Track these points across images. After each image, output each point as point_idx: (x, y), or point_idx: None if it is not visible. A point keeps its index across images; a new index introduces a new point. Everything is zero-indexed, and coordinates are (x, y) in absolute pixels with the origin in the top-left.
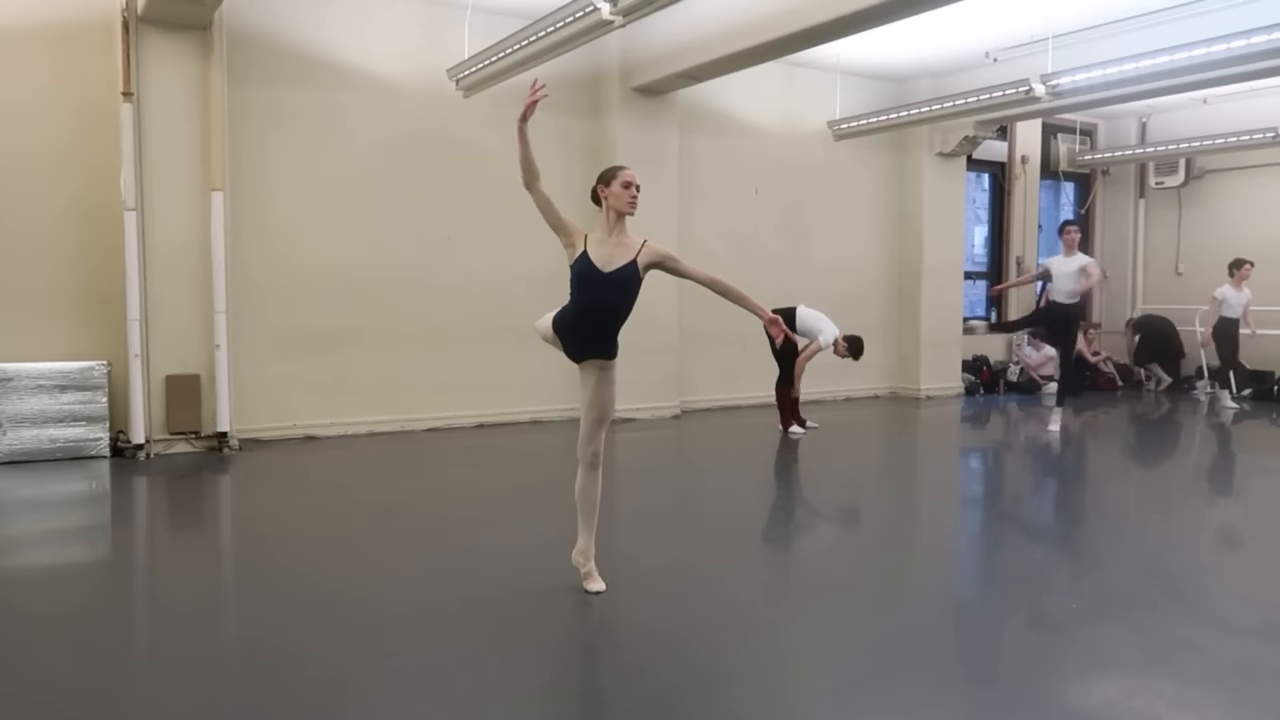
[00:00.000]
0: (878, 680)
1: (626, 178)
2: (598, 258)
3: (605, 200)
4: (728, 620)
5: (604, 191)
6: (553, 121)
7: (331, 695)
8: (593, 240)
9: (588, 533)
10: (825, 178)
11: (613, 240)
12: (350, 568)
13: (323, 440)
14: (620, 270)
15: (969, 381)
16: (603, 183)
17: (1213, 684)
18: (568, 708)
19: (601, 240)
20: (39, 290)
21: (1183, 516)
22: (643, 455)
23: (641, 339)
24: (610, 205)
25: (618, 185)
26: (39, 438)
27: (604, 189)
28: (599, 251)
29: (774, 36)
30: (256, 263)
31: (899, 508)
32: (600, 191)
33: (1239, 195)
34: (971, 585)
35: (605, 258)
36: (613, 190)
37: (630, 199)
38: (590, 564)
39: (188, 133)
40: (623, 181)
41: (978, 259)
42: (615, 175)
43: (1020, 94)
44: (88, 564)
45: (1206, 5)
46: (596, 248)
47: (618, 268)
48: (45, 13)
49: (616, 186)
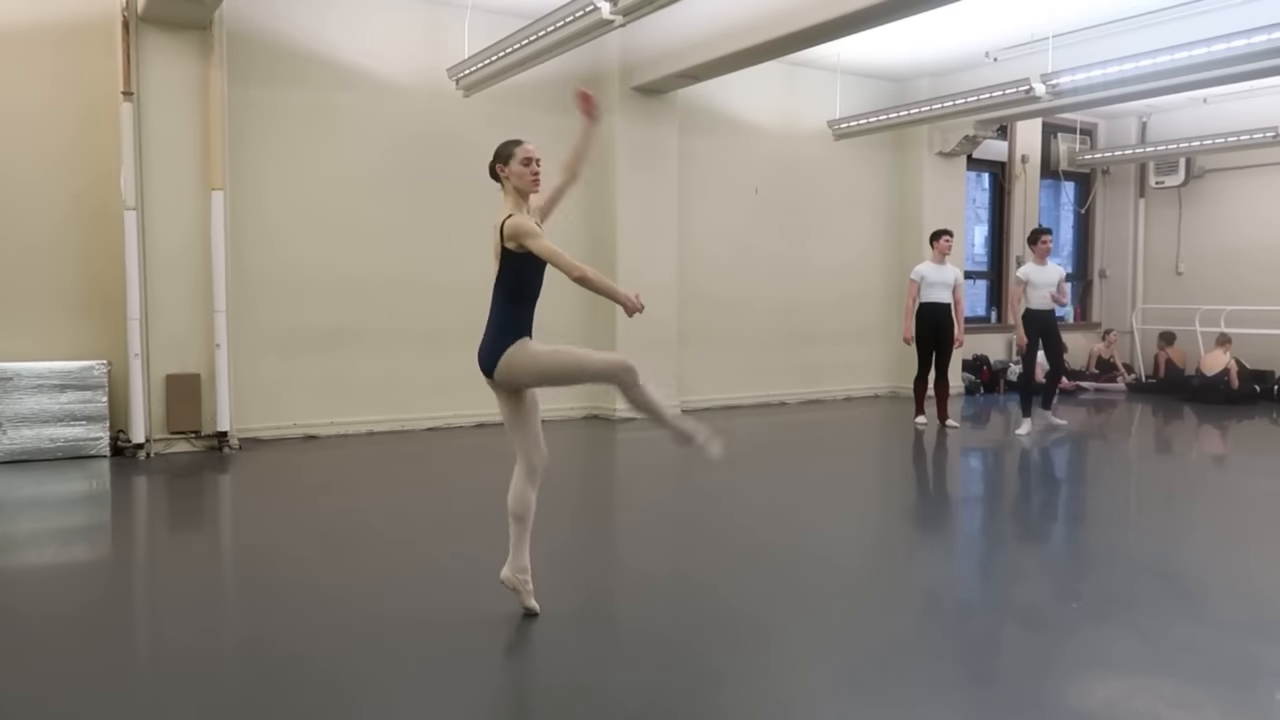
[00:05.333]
0: (878, 680)
1: (525, 153)
2: None
3: (506, 180)
4: (728, 620)
5: (504, 171)
6: (553, 121)
7: (331, 695)
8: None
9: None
10: (825, 177)
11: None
12: (350, 568)
13: (322, 440)
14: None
15: (969, 381)
16: (500, 160)
17: (1211, 683)
18: (568, 708)
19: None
20: (39, 290)
21: (1182, 514)
22: (643, 455)
23: (641, 338)
24: (514, 186)
25: (517, 164)
26: (39, 437)
27: (503, 168)
28: None
29: (774, 36)
30: (257, 262)
31: (898, 508)
32: (500, 170)
33: (1239, 195)
34: (972, 585)
35: None
36: (513, 169)
37: (533, 176)
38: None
39: (188, 132)
40: (522, 159)
41: (978, 258)
42: (513, 152)
43: (1020, 94)
44: (88, 564)
45: (1206, 5)
46: None
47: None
48: (45, 13)
49: (516, 165)
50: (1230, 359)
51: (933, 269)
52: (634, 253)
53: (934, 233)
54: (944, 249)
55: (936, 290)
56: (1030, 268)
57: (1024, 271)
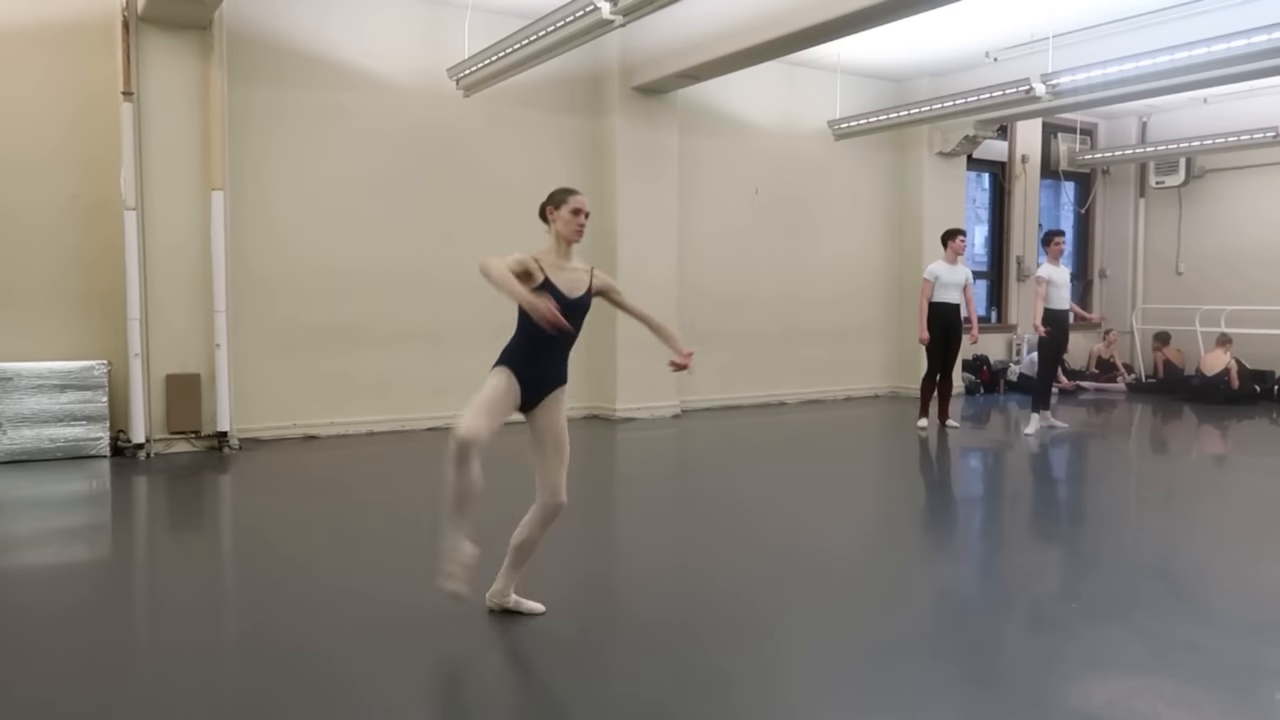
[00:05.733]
0: (879, 680)
1: (577, 204)
2: (561, 285)
3: (553, 223)
4: (729, 620)
5: (553, 214)
6: (553, 121)
7: (331, 694)
8: (548, 266)
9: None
10: (825, 177)
11: (568, 266)
12: (350, 568)
13: (322, 440)
14: (582, 298)
15: (969, 381)
16: (553, 204)
17: (1212, 683)
18: (569, 708)
19: (559, 266)
20: (39, 290)
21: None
22: (643, 455)
23: (641, 338)
24: (557, 230)
25: (567, 211)
26: (39, 437)
27: (553, 211)
28: (560, 278)
29: (774, 36)
30: (256, 262)
31: (899, 508)
32: (549, 213)
33: (1239, 195)
34: (973, 584)
35: (568, 284)
36: (561, 215)
37: (578, 227)
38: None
39: (188, 132)
40: (573, 208)
41: (978, 258)
42: (566, 200)
43: (1020, 94)
44: (88, 563)
45: (1206, 5)
46: (557, 274)
47: (579, 295)
48: (45, 12)
49: (566, 212)
50: (1230, 359)
51: (946, 269)
52: (634, 253)
53: (949, 232)
54: (958, 249)
55: (949, 291)
56: (1049, 268)
57: (1045, 271)
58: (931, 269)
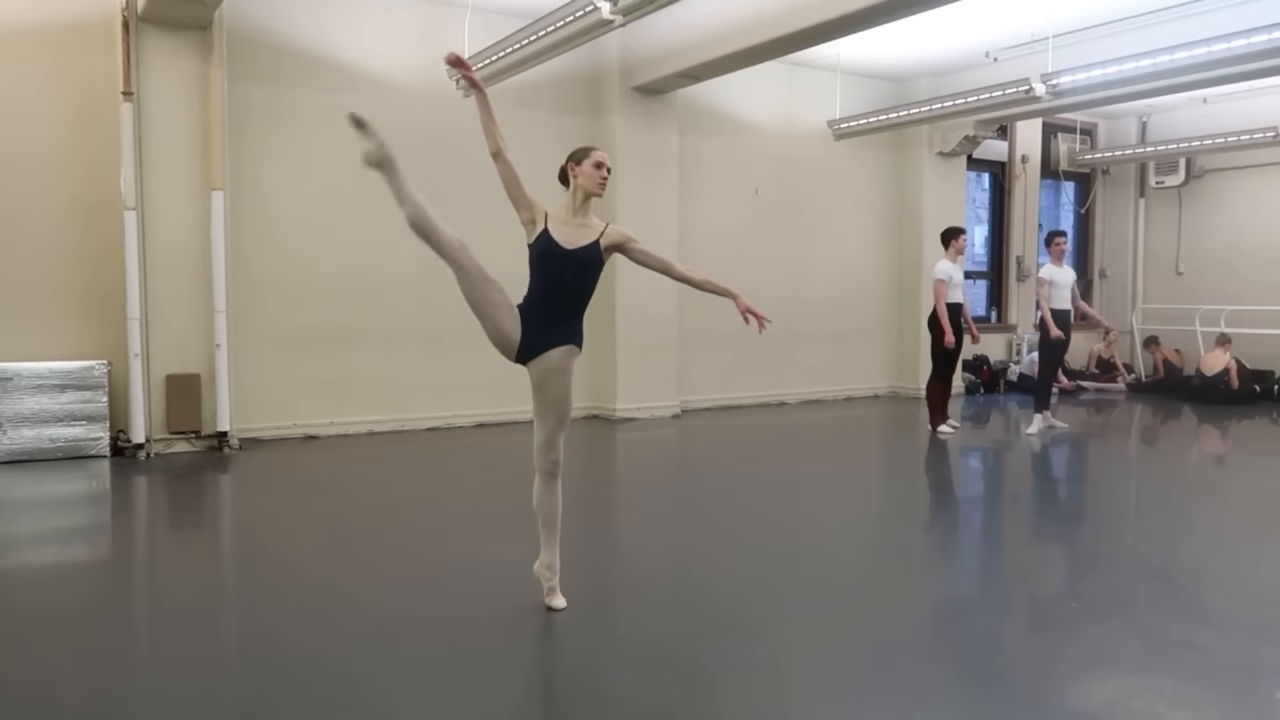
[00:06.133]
0: (878, 680)
1: (598, 158)
2: (560, 236)
3: (574, 179)
4: (729, 620)
5: (574, 170)
6: (553, 121)
7: (331, 694)
8: (554, 219)
9: (552, 546)
10: (825, 177)
11: (576, 221)
12: (349, 568)
13: (322, 440)
14: (583, 249)
15: (969, 381)
16: (574, 161)
17: (1213, 682)
18: (569, 708)
19: (565, 220)
20: (39, 290)
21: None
22: (643, 455)
23: (641, 338)
24: (580, 185)
25: (589, 165)
26: (39, 437)
27: (575, 167)
28: (561, 231)
29: (774, 36)
30: (257, 262)
31: (899, 508)
32: (570, 170)
33: (1239, 195)
34: (972, 584)
35: (568, 237)
36: (584, 169)
37: (601, 180)
38: (555, 579)
39: (188, 132)
40: (595, 161)
41: (978, 258)
42: (587, 155)
43: (1020, 94)
44: (88, 563)
45: (1206, 5)
46: (559, 226)
47: (580, 246)
48: (45, 12)
49: (588, 166)
50: (1230, 359)
51: (954, 269)
52: None
53: (952, 230)
54: (960, 248)
55: (958, 291)
56: (1050, 268)
57: (1046, 271)
58: (943, 269)
